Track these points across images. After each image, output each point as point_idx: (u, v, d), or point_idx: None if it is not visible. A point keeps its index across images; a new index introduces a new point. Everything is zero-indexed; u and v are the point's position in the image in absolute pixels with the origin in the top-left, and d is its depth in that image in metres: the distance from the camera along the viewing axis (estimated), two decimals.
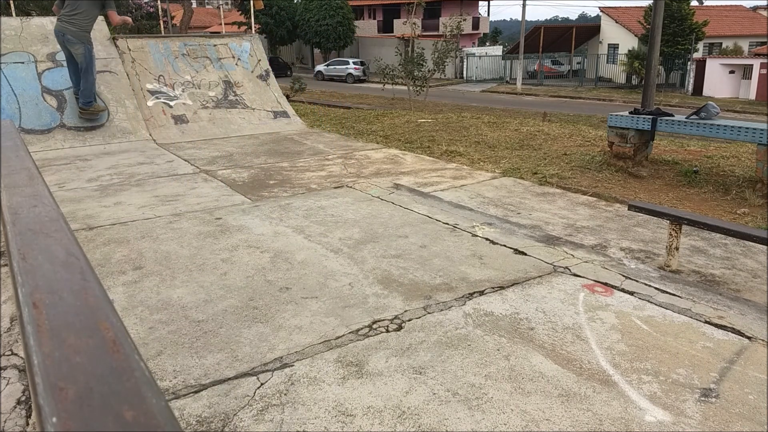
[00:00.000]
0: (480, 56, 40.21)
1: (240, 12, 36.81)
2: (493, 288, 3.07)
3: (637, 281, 3.16)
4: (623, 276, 3.23)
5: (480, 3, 47.23)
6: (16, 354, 2.37)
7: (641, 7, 33.19)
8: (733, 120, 6.38)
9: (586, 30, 40.93)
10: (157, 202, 4.78)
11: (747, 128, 5.08)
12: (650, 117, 5.77)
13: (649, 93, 11.65)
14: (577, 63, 38.48)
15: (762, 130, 4.95)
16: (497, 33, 69.14)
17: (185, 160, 6.52)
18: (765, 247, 3.47)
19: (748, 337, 2.57)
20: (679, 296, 2.98)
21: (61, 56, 7.70)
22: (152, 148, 7.20)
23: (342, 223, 4.19)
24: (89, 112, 7.44)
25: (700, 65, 30.72)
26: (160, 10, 14.79)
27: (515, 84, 33.30)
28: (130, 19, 7.54)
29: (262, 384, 2.18)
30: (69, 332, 0.63)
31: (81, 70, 7.10)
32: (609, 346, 2.48)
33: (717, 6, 39.67)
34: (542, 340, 2.52)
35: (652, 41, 11.47)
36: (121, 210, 4.55)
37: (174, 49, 8.79)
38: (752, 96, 28.60)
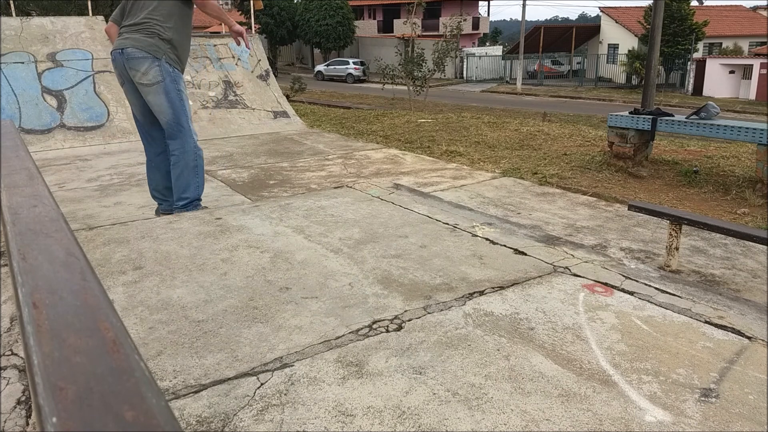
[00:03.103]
0: (480, 56, 40.23)
1: (240, 12, 36.81)
2: (493, 288, 3.07)
3: (637, 281, 3.16)
4: (623, 276, 3.23)
5: (480, 3, 47.25)
6: (16, 354, 2.37)
7: (641, 7, 33.21)
8: (733, 120, 6.38)
9: (586, 30, 40.94)
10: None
11: (747, 128, 5.08)
12: (650, 117, 5.77)
13: (649, 93, 11.67)
14: (577, 63, 38.51)
15: (762, 130, 4.95)
16: (497, 33, 69.20)
17: None
18: (765, 247, 3.47)
19: (748, 337, 2.57)
20: (679, 296, 2.98)
21: (61, 56, 7.69)
22: None
23: (342, 223, 4.19)
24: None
25: (700, 65, 30.73)
26: None
27: (515, 84, 33.30)
28: (243, 34, 4.06)
29: (262, 384, 2.18)
30: (69, 332, 0.63)
31: (167, 121, 3.82)
32: (609, 346, 2.48)
33: (717, 6, 39.69)
34: (542, 340, 2.52)
35: (652, 41, 11.48)
36: (121, 210, 4.55)
37: None
38: (752, 96, 28.61)
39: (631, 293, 3.01)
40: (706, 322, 2.71)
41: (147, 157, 4.12)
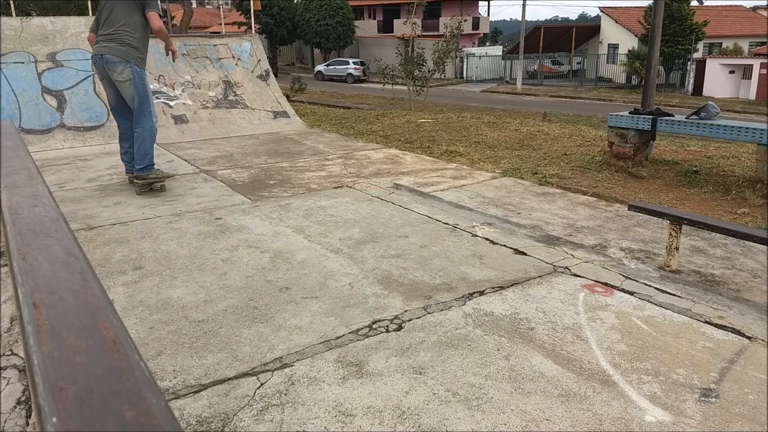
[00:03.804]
0: (480, 56, 40.21)
1: (240, 12, 36.79)
2: (493, 288, 3.07)
3: (637, 281, 3.16)
4: (623, 276, 3.23)
5: (480, 3, 47.24)
6: (16, 354, 2.37)
7: (641, 7, 33.21)
8: (733, 120, 6.37)
9: (586, 30, 40.92)
10: (156, 201, 4.78)
11: (747, 128, 5.08)
12: (650, 117, 5.77)
13: (649, 93, 11.67)
14: (577, 63, 38.49)
15: (762, 130, 4.95)
16: (497, 33, 69.16)
17: (185, 160, 6.52)
18: (765, 247, 3.47)
19: (748, 337, 2.57)
20: (679, 296, 2.98)
21: (61, 56, 7.69)
22: None
23: (342, 223, 4.19)
24: (148, 181, 5.01)
25: (700, 65, 30.71)
26: (160, 10, 14.79)
27: (515, 84, 33.28)
28: (175, 50, 5.28)
29: (262, 384, 2.18)
30: (69, 332, 0.63)
31: (134, 108, 4.88)
32: (609, 346, 2.48)
33: (717, 6, 39.67)
34: (542, 340, 2.52)
35: (652, 41, 11.49)
36: (121, 210, 4.55)
37: None
38: (752, 96, 28.59)
39: (631, 293, 3.01)
40: (706, 322, 2.71)
41: (119, 131, 5.25)
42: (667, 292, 3.02)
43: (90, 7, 9.90)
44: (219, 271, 3.30)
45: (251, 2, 12.60)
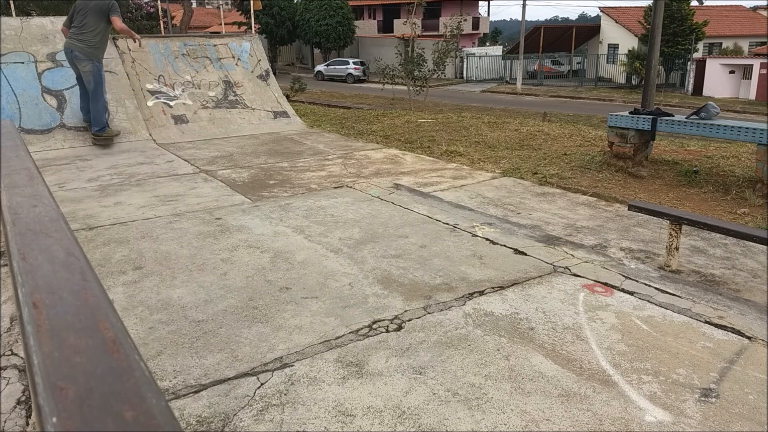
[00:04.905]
0: (480, 56, 40.21)
1: (240, 12, 36.80)
2: (493, 288, 3.07)
3: (637, 281, 3.16)
4: (623, 276, 3.23)
5: (480, 3, 47.23)
6: (16, 354, 2.37)
7: (641, 7, 33.20)
8: (733, 120, 6.37)
9: (586, 30, 40.91)
10: (157, 202, 4.78)
11: (747, 128, 5.08)
12: (650, 117, 5.77)
13: (649, 93, 11.67)
14: (577, 63, 38.49)
15: (762, 130, 4.95)
16: (497, 33, 69.10)
17: (185, 160, 6.52)
18: (765, 247, 3.47)
19: (748, 337, 2.57)
20: (679, 296, 2.98)
21: (61, 56, 7.69)
22: (152, 148, 7.20)
23: (342, 223, 4.19)
24: (103, 138, 7.07)
25: (700, 65, 30.71)
26: (160, 10, 14.81)
27: (515, 84, 33.28)
28: (138, 39, 7.17)
29: (262, 384, 2.18)
30: (69, 332, 0.63)
31: (89, 91, 6.79)
32: (609, 346, 2.48)
33: (717, 6, 39.66)
34: (542, 340, 2.52)
35: (652, 41, 11.49)
36: (121, 210, 4.55)
37: (174, 49, 8.78)
38: (752, 96, 28.59)
39: (631, 293, 3.01)
40: (706, 322, 2.71)
41: (80, 94, 7.09)
42: (667, 292, 3.02)
43: None
44: (219, 271, 3.30)
45: (251, 2, 12.60)
